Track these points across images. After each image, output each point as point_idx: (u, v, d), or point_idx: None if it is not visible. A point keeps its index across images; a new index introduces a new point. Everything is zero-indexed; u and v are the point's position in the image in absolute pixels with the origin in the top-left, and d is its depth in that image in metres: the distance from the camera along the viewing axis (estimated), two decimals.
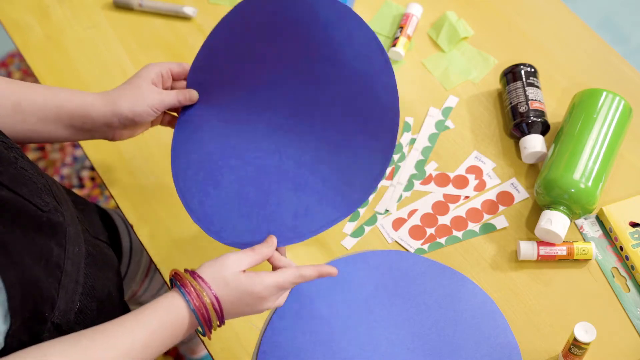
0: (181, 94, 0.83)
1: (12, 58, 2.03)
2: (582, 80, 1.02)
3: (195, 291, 0.70)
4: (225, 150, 0.84)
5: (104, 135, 0.84)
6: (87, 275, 0.78)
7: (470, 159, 0.97)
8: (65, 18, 1.11)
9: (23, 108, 0.79)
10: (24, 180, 0.69)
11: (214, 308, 0.71)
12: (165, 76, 0.84)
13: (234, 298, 0.72)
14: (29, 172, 0.72)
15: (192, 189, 0.83)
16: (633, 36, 1.94)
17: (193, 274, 0.72)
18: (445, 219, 0.93)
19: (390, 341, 0.84)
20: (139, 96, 0.80)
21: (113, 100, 0.80)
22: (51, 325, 0.70)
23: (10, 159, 0.70)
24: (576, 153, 0.89)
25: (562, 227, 0.87)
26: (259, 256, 0.75)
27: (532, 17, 1.08)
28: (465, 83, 1.03)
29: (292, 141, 0.83)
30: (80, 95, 0.81)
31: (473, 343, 0.84)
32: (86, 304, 0.77)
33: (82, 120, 0.81)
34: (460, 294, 0.87)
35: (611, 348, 0.84)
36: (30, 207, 0.68)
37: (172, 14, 1.10)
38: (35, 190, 0.70)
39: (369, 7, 1.10)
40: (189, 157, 0.84)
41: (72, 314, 0.73)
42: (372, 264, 0.89)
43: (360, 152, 0.80)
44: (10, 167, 0.68)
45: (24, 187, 0.68)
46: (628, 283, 0.88)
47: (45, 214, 0.70)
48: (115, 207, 1.23)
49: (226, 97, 0.86)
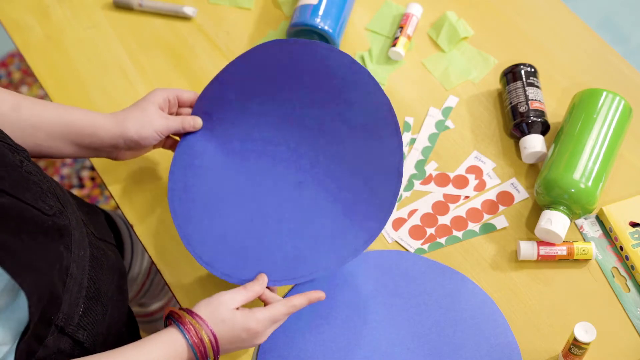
0: (186, 121, 0.86)
1: (12, 58, 2.03)
2: (582, 80, 1.02)
3: (194, 328, 0.73)
4: (224, 182, 0.85)
5: (108, 155, 0.87)
6: (91, 279, 0.78)
7: (470, 159, 0.97)
8: (65, 18, 1.11)
9: (32, 122, 0.81)
10: (28, 184, 0.70)
11: (211, 345, 0.73)
12: (172, 102, 0.87)
13: (230, 335, 0.75)
14: (33, 176, 0.72)
15: (186, 214, 0.84)
16: (633, 36, 1.94)
17: (191, 313, 0.74)
18: (445, 219, 0.93)
19: (390, 341, 0.84)
20: (146, 120, 0.83)
21: (121, 122, 0.83)
22: (55, 329, 0.70)
23: (16, 163, 0.70)
24: (576, 153, 0.89)
25: (562, 227, 0.87)
26: (251, 293, 0.78)
27: (532, 17, 1.08)
28: (465, 83, 1.03)
29: (292, 186, 0.84)
30: (90, 115, 0.84)
31: (473, 343, 0.84)
32: (90, 307, 0.77)
33: (89, 140, 0.83)
34: (460, 294, 0.87)
35: (611, 348, 0.84)
36: (34, 212, 0.68)
37: (172, 14, 1.10)
38: (40, 194, 0.71)
39: (369, 7, 1.10)
40: (187, 181, 0.86)
41: (76, 317, 0.74)
42: (372, 263, 0.89)
43: (358, 208, 0.82)
44: (14, 171, 0.69)
45: (27, 191, 0.68)
46: (628, 283, 0.88)
47: (50, 218, 0.70)
48: (115, 207, 1.23)
49: (231, 130, 0.88)
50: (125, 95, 1.04)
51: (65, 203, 0.78)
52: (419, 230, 0.92)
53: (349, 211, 0.82)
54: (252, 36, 1.08)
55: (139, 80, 1.05)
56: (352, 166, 0.83)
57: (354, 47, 1.07)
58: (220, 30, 1.09)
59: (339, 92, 0.84)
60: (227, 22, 1.10)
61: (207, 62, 1.06)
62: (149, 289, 1.17)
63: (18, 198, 0.66)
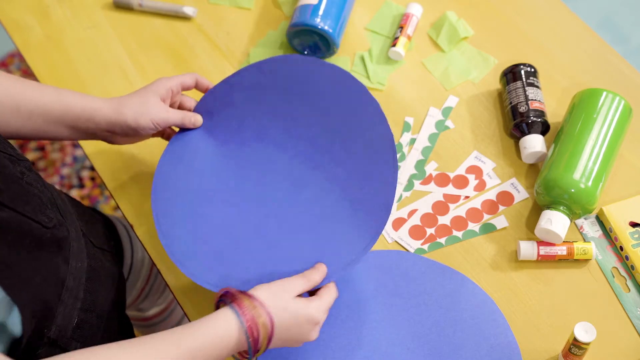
0: (187, 118, 0.85)
1: (12, 58, 2.03)
2: (582, 80, 1.02)
3: (251, 312, 0.68)
4: (212, 183, 0.84)
5: (104, 139, 0.85)
6: (87, 290, 0.77)
7: (470, 159, 0.97)
8: (65, 18, 1.11)
9: (30, 108, 0.79)
10: (28, 196, 0.69)
11: (266, 332, 0.69)
12: (174, 91, 0.85)
13: (289, 323, 0.70)
14: (34, 187, 0.71)
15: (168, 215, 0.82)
16: (633, 36, 1.94)
17: (249, 296, 0.70)
18: (445, 219, 0.93)
19: (390, 341, 0.84)
20: (145, 109, 0.82)
21: (118, 108, 0.81)
22: (47, 341, 0.69)
23: (16, 175, 0.69)
24: (576, 153, 0.89)
25: (562, 227, 0.87)
26: (310, 283, 0.74)
27: (532, 17, 1.08)
28: (465, 83, 1.03)
29: (281, 201, 0.83)
30: (87, 99, 0.82)
31: (473, 343, 0.84)
32: (85, 319, 0.76)
33: (86, 124, 0.82)
34: (460, 294, 0.87)
35: (611, 348, 0.84)
36: (34, 224, 0.67)
37: (172, 14, 1.10)
38: (39, 206, 0.70)
39: (369, 7, 1.10)
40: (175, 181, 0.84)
41: (70, 330, 0.73)
42: (372, 263, 0.89)
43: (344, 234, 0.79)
44: (14, 184, 0.68)
45: (27, 204, 0.68)
46: (628, 283, 0.88)
47: (49, 231, 0.70)
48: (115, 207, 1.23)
49: (230, 134, 0.87)
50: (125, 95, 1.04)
51: (65, 214, 0.78)
52: (419, 230, 0.92)
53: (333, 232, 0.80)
54: (252, 36, 1.09)
55: (139, 80, 1.05)
56: (344, 191, 0.82)
57: (354, 47, 1.07)
58: (220, 30, 1.09)
59: (345, 119, 0.84)
60: (227, 22, 1.10)
61: (207, 62, 1.07)
62: (148, 294, 1.17)
63: (17, 211, 0.65)
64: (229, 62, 1.06)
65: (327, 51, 1.04)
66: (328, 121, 0.84)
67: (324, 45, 1.03)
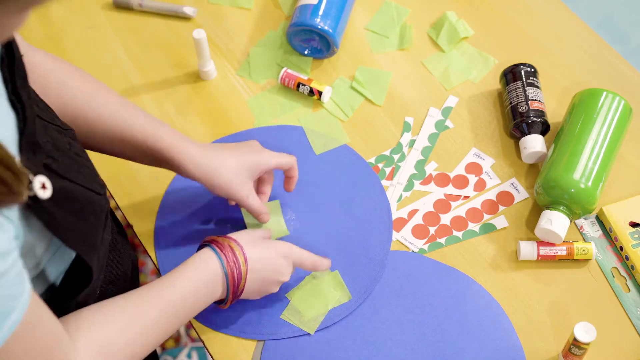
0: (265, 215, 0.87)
1: None
2: (582, 80, 1.02)
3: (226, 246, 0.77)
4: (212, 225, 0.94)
5: None
6: (110, 263, 0.80)
7: (469, 156, 0.97)
8: (65, 18, 1.11)
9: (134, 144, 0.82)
10: (79, 166, 0.69)
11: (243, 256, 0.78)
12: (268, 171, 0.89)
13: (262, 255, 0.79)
14: (82, 157, 0.71)
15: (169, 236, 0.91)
16: (633, 36, 1.94)
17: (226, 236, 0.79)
18: (445, 218, 0.93)
19: (394, 342, 0.84)
20: (232, 188, 0.84)
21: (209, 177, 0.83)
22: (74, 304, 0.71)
23: (65, 146, 0.69)
24: (576, 153, 0.89)
25: (562, 227, 0.87)
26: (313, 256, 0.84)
27: (532, 17, 1.08)
28: (465, 83, 1.03)
29: None
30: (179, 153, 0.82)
31: (477, 345, 0.84)
32: (107, 290, 0.78)
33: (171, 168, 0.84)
34: (466, 295, 0.87)
35: (611, 348, 0.84)
36: (90, 193, 0.68)
37: (172, 14, 1.10)
38: (90, 175, 0.70)
39: (369, 7, 1.10)
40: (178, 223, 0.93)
41: (92, 299, 0.73)
42: None
43: None
44: (65, 155, 0.67)
45: (79, 174, 0.67)
46: (628, 283, 0.88)
47: (102, 198, 0.71)
48: (115, 207, 1.22)
49: None
50: (125, 95, 1.04)
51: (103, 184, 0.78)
52: (422, 229, 0.92)
53: None
54: (252, 36, 1.08)
55: (139, 80, 1.05)
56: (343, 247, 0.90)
57: (354, 47, 1.07)
58: (220, 30, 1.09)
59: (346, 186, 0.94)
60: (227, 22, 1.10)
61: None
62: None
63: (73, 181, 0.65)
64: (229, 62, 1.06)
65: (327, 51, 1.04)
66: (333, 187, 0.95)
67: (324, 45, 1.03)
